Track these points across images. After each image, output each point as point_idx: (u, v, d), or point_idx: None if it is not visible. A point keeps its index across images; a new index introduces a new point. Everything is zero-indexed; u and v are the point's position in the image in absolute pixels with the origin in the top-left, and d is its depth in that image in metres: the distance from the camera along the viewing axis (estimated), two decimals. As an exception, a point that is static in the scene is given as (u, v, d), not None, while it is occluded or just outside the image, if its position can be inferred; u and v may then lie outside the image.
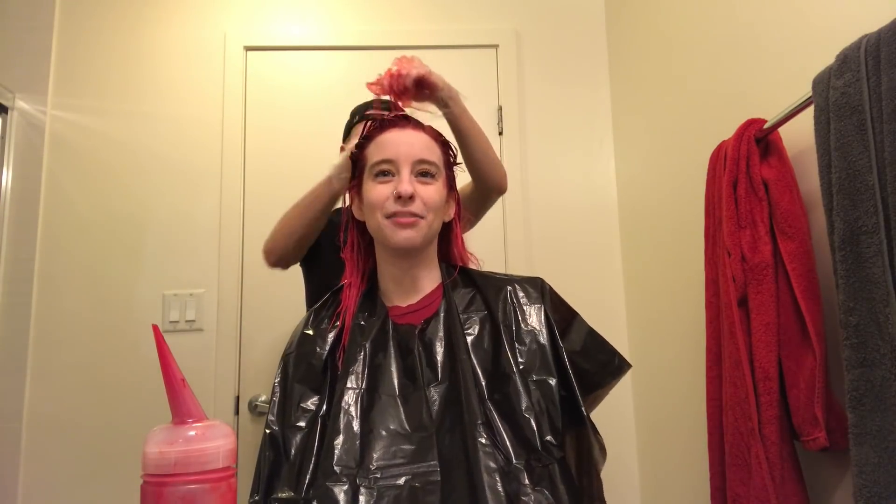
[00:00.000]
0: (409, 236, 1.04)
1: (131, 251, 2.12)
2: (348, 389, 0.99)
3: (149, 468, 0.66)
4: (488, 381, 1.00)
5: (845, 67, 1.01)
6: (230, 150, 2.18)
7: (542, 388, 1.00)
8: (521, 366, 1.01)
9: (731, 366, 1.25)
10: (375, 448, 0.95)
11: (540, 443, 0.95)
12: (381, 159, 1.06)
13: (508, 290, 1.08)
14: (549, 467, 0.94)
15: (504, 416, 0.97)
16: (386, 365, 1.03)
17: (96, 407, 2.03)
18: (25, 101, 2.09)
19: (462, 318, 1.06)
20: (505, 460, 0.93)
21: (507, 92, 2.30)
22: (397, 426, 0.97)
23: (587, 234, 2.26)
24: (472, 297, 1.09)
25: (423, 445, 0.95)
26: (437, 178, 1.08)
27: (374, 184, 1.07)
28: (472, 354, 1.02)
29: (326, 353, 1.06)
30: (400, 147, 1.07)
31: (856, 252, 0.97)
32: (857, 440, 0.96)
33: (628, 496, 2.08)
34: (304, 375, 1.05)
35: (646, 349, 2.06)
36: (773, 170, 1.24)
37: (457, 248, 1.16)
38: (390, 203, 1.04)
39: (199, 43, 2.25)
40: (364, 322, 1.08)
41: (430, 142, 1.10)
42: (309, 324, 1.11)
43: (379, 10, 2.33)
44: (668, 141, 1.92)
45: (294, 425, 1.00)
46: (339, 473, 0.92)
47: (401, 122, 1.11)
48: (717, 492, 1.31)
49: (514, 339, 1.03)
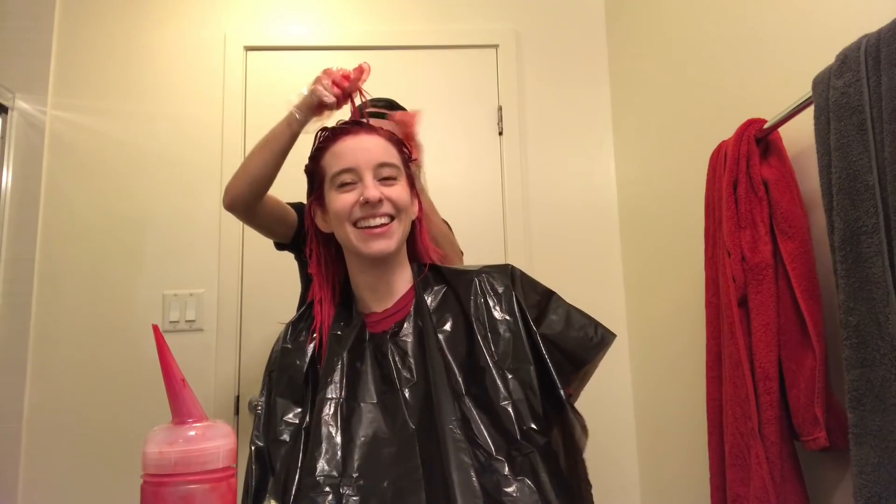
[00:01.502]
0: (383, 246, 1.04)
1: (131, 251, 2.12)
2: (328, 400, 1.00)
3: (149, 468, 0.66)
4: (465, 375, 1.00)
5: (845, 67, 1.01)
6: (230, 150, 2.18)
7: (518, 375, 1.00)
8: (495, 356, 1.01)
9: (731, 366, 1.25)
10: (357, 455, 0.95)
11: (520, 432, 0.95)
12: (341, 169, 1.06)
13: (477, 282, 1.08)
14: (530, 456, 0.94)
15: (483, 409, 0.97)
16: (363, 372, 1.03)
17: (96, 407, 2.02)
18: (25, 101, 2.09)
19: (434, 317, 1.06)
20: (485, 454, 0.93)
21: (506, 92, 2.30)
22: (378, 431, 0.98)
23: (587, 233, 2.26)
24: (443, 293, 1.09)
25: (405, 447, 0.95)
26: (399, 178, 1.08)
27: (337, 194, 1.06)
28: (447, 350, 1.02)
29: (307, 366, 1.07)
30: (358, 154, 1.06)
31: (856, 252, 0.97)
32: (857, 440, 0.96)
33: (628, 496, 2.07)
34: (285, 389, 1.06)
35: (646, 349, 2.06)
36: (773, 170, 1.24)
37: (423, 243, 1.16)
38: (357, 209, 1.04)
39: (199, 43, 2.25)
40: (340, 332, 1.08)
41: (386, 144, 1.10)
42: (287, 337, 1.11)
43: (379, 10, 2.33)
44: (668, 141, 1.92)
45: (278, 439, 1.01)
46: (321, 483, 0.93)
47: (353, 129, 1.10)
48: (717, 492, 1.31)
49: (487, 330, 1.03)
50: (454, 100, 2.28)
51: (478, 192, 2.24)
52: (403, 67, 2.28)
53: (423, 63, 2.30)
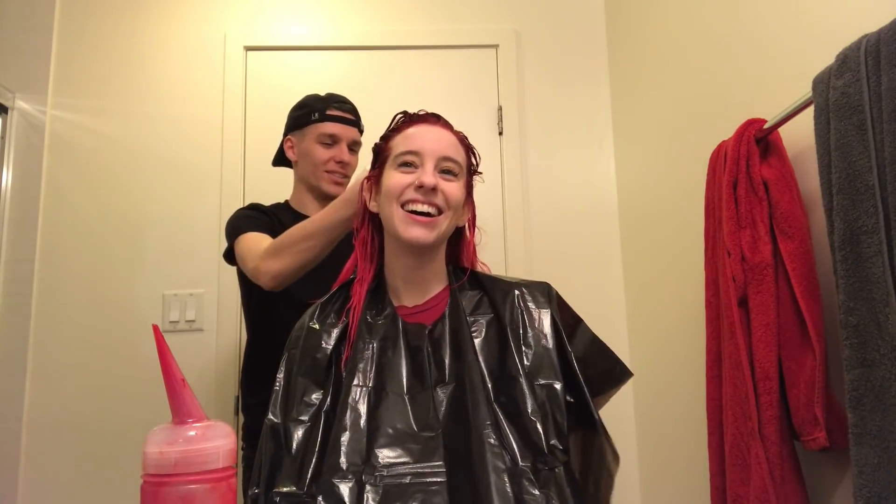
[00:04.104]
0: (422, 235, 1.03)
1: (131, 251, 2.12)
2: (355, 386, 0.99)
3: (149, 468, 0.66)
4: (494, 383, 1.00)
5: (845, 67, 1.01)
6: (230, 150, 2.18)
7: (547, 391, 0.99)
8: (527, 369, 1.00)
9: (731, 366, 1.25)
10: (382, 446, 0.94)
11: (546, 446, 0.94)
12: (407, 150, 1.07)
13: (516, 294, 1.07)
14: (556, 470, 0.93)
15: (510, 418, 0.97)
16: (395, 363, 1.02)
17: (96, 407, 2.02)
18: (25, 101, 2.09)
19: (469, 321, 1.05)
20: (512, 461, 0.93)
21: (507, 92, 2.30)
22: (404, 425, 0.97)
23: (587, 233, 2.26)
24: (479, 299, 1.09)
25: (430, 445, 0.95)
26: (459, 178, 1.09)
27: (395, 172, 1.07)
28: (479, 356, 1.01)
29: (331, 349, 1.05)
30: (427, 141, 1.07)
31: (856, 252, 0.97)
32: (857, 440, 0.96)
33: (628, 496, 2.08)
34: (307, 369, 1.04)
35: (646, 349, 2.06)
36: (773, 170, 1.24)
37: (468, 252, 1.16)
38: (409, 191, 1.04)
39: (199, 43, 2.25)
40: (371, 319, 1.07)
41: (457, 142, 1.11)
42: (315, 317, 1.10)
43: (379, 10, 2.33)
44: (668, 141, 1.92)
45: (296, 419, 0.99)
46: (345, 470, 0.92)
47: (431, 119, 1.11)
48: (717, 492, 1.31)
49: (521, 342, 1.03)
50: (454, 100, 2.28)
51: (478, 192, 2.22)
52: (403, 67, 2.29)
53: (423, 63, 2.30)
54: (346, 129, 1.65)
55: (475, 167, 1.16)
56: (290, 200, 1.74)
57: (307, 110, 1.67)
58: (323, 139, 1.63)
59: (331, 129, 1.63)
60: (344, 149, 1.65)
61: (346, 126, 1.66)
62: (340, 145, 1.64)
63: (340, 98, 1.69)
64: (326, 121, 1.64)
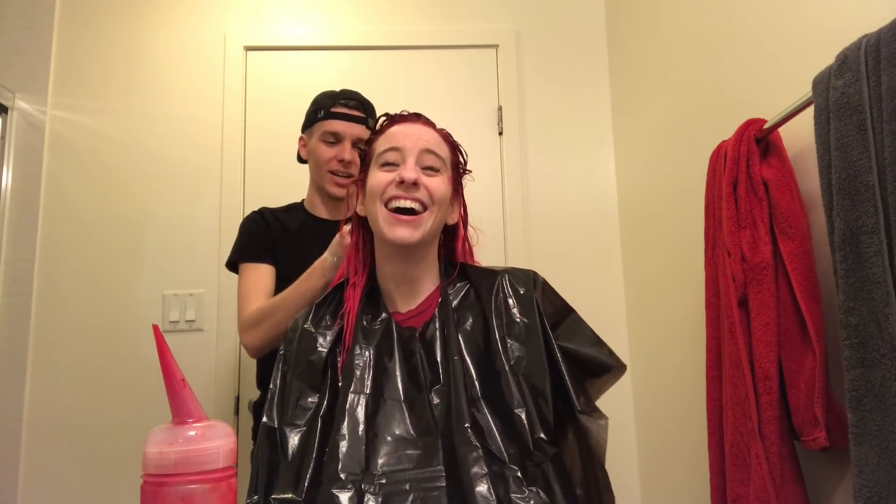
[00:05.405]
0: (407, 234, 1.03)
1: (131, 251, 2.12)
2: (352, 393, 0.98)
3: (149, 468, 0.66)
4: (481, 377, 0.99)
5: (845, 67, 1.01)
6: (230, 150, 2.18)
7: (531, 382, 0.99)
8: (511, 361, 1.00)
9: (731, 366, 1.25)
10: (381, 453, 0.94)
11: (532, 441, 0.94)
12: (388, 147, 1.06)
13: (499, 281, 1.07)
14: (543, 466, 0.93)
15: (497, 413, 0.96)
16: (391, 369, 1.01)
17: (96, 407, 2.02)
18: (25, 101, 2.09)
19: (456, 315, 1.05)
20: (498, 462, 0.92)
21: (506, 92, 2.30)
22: (403, 431, 0.96)
23: (587, 233, 2.26)
24: (465, 291, 1.09)
25: (429, 450, 0.94)
26: (443, 173, 1.08)
27: (378, 171, 1.07)
28: (465, 351, 1.01)
29: (327, 352, 1.04)
30: (407, 137, 1.07)
31: (856, 252, 0.97)
32: (857, 440, 0.95)
33: (628, 496, 2.08)
34: (303, 373, 1.03)
35: (646, 349, 2.06)
36: (773, 170, 1.24)
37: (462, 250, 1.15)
38: (391, 188, 1.03)
39: (199, 43, 2.25)
40: (367, 324, 1.06)
41: (440, 139, 1.11)
42: (309, 319, 1.09)
43: (379, 10, 2.33)
44: (668, 141, 1.92)
45: (292, 423, 0.99)
46: (343, 479, 0.91)
47: (412, 118, 1.11)
48: (717, 492, 1.31)
49: (506, 333, 1.02)
50: (454, 100, 2.28)
51: (478, 192, 2.22)
52: (403, 67, 2.29)
53: (423, 63, 2.30)
54: (350, 127, 1.60)
55: (463, 165, 1.15)
56: (304, 200, 1.72)
57: (316, 107, 1.64)
58: (326, 137, 1.60)
59: (333, 127, 1.59)
60: (346, 147, 1.59)
61: (350, 123, 1.60)
62: (343, 143, 1.60)
63: (349, 94, 1.64)
64: (330, 118, 1.60)
